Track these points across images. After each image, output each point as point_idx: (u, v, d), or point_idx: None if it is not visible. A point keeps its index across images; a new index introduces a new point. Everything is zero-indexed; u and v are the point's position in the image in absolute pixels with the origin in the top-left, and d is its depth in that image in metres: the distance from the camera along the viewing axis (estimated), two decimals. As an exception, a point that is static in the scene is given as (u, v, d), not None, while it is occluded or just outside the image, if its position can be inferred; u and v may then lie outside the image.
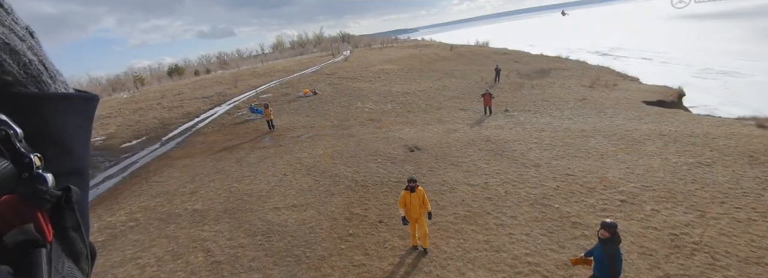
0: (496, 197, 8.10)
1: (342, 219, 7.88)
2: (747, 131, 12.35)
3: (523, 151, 10.83)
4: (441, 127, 14.26)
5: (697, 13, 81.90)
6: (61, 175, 0.41)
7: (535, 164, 9.81)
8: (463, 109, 17.12)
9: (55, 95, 0.43)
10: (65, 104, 0.43)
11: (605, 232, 4.43)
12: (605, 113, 15.22)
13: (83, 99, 0.46)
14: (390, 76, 29.25)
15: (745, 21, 55.81)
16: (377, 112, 18.04)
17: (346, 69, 37.56)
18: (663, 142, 11.29)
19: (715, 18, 68.93)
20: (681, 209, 7.33)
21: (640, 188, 8.22)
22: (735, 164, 9.58)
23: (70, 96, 0.45)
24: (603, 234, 4.45)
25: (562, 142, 11.49)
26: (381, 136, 13.80)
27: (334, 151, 12.75)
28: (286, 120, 18.79)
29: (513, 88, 21.11)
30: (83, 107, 0.46)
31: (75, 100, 0.45)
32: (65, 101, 0.44)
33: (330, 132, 15.51)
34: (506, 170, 9.53)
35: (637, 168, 9.30)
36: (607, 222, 4.48)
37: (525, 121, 14.43)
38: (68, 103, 0.44)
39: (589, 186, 8.39)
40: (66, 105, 0.44)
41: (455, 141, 12.21)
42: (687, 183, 8.47)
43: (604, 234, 4.44)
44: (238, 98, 27.82)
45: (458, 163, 10.29)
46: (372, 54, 52.93)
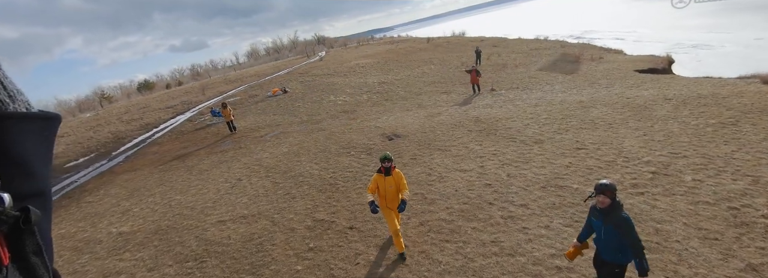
0: (497, 182, 6.43)
1: (302, 229, 6.08)
2: (755, 88, 11.13)
3: (520, 128, 9.23)
4: (422, 112, 12.58)
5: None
6: (21, 197, 0.39)
7: (536, 140, 8.21)
8: (446, 92, 15.51)
9: (13, 114, 0.41)
10: (24, 124, 0.42)
11: (605, 199, 3.17)
12: (599, 84, 13.84)
13: (43, 118, 0.45)
14: (366, 69, 27.53)
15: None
16: (351, 103, 16.27)
17: (321, 67, 35.72)
18: (672, 106, 9.88)
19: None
20: (727, 176, 5.81)
21: (668, 156, 6.69)
22: (761, 121, 8.20)
23: (30, 115, 0.43)
24: (602, 201, 3.19)
25: (561, 115, 9.95)
26: (355, 127, 12.03)
27: (300, 148, 10.92)
28: (251, 120, 16.85)
29: (496, 69, 19.63)
30: (43, 127, 0.44)
31: (35, 120, 0.43)
32: (25, 121, 0.42)
33: (298, 128, 13.66)
34: (504, 150, 7.89)
35: (655, 135, 7.79)
36: (604, 183, 3.19)
37: (515, 97, 12.89)
38: (28, 122, 0.42)
39: (607, 159, 6.81)
40: (25, 124, 0.42)
41: (440, 125, 10.54)
42: (720, 146, 7.00)
43: (604, 202, 3.17)
44: (203, 105, 25.64)
45: (446, 148, 8.60)
46: (348, 52, 51.23)
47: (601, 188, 3.16)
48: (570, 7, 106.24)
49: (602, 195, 3.15)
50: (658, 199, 5.29)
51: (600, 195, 3.16)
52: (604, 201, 3.16)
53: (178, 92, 42.36)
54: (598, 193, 3.17)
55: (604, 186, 3.16)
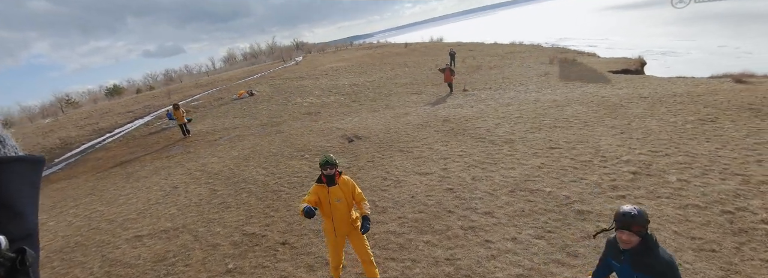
0: (460, 187, 5.56)
1: (226, 246, 5.02)
2: (728, 87, 10.85)
3: (490, 127, 8.46)
4: (389, 113, 11.71)
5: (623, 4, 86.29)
6: (12, 239, 0.40)
7: (507, 140, 7.43)
8: (416, 93, 14.73)
9: (3, 159, 0.42)
10: (13, 167, 0.42)
11: (631, 237, 2.01)
12: (573, 84, 13.36)
13: (31, 161, 0.45)
14: (339, 72, 26.65)
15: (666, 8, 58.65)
16: (317, 104, 15.27)
17: (294, 71, 34.70)
18: (648, 104, 9.37)
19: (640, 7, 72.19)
20: (715, 175, 5.14)
21: (649, 155, 6.00)
22: (740, 118, 7.73)
23: (18, 159, 0.44)
24: (627, 240, 2.03)
25: (534, 114, 9.26)
26: (316, 129, 11.03)
27: (251, 152, 9.83)
28: (210, 123, 15.60)
29: (470, 71, 19.08)
30: (30, 169, 0.45)
31: (22, 163, 0.44)
32: (14, 164, 0.42)
33: (256, 131, 12.54)
34: (471, 151, 7.06)
35: (634, 133, 7.14)
36: (629, 212, 2.03)
37: (487, 97, 12.21)
38: (16, 166, 0.43)
39: (583, 159, 6.06)
40: (14, 168, 0.42)
41: (405, 126, 9.67)
42: (702, 143, 6.38)
43: (630, 241, 2.02)
44: (164, 109, 24.07)
45: (408, 149, 7.71)
46: (325, 57, 50.40)
47: (626, 221, 2.00)
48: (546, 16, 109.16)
49: (626, 231, 2.01)
50: (641, 203, 4.53)
51: (623, 230, 2.02)
52: (630, 240, 2.02)
53: (145, 97, 40.52)
54: (621, 228, 2.03)
55: (630, 218, 1.99)
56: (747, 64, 19.03)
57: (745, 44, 25.00)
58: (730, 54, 23.18)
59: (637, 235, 2.00)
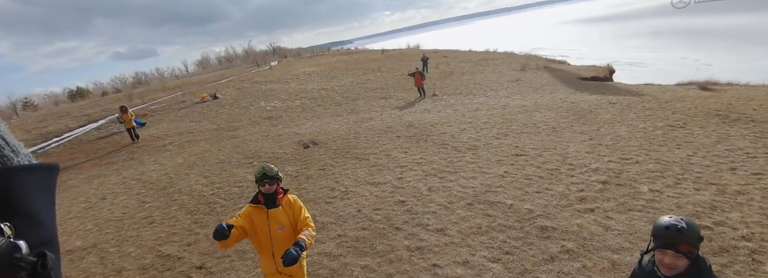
0: (413, 198, 4.91)
1: (132, 271, 4.16)
2: (694, 94, 10.84)
3: (455, 133, 7.91)
4: (353, 117, 11.03)
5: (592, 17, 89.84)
6: (33, 246, 0.40)
7: (471, 146, 6.88)
8: (384, 97, 14.15)
9: (21, 167, 0.43)
10: (30, 176, 0.43)
11: (676, 259, 1.44)
12: (544, 90, 13.13)
13: (45, 169, 0.45)
14: (310, 77, 25.87)
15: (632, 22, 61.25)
16: (280, 109, 14.42)
17: (266, 75, 33.71)
18: (617, 110, 9.11)
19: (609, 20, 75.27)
20: (689, 185, 4.71)
21: (618, 162, 5.56)
22: (709, 124, 7.51)
23: (33, 167, 0.44)
24: (671, 264, 1.46)
25: (502, 119, 8.80)
26: (272, 134, 10.21)
27: (198, 159, 8.90)
28: (164, 128, 14.46)
29: (443, 76, 18.72)
30: (45, 177, 0.45)
31: (37, 171, 0.44)
32: (30, 173, 0.43)
33: (210, 136, 11.58)
34: (431, 158, 6.45)
35: (603, 139, 6.74)
36: (675, 224, 1.45)
37: (456, 102, 11.74)
38: (32, 174, 0.43)
39: (550, 167, 5.55)
40: (31, 176, 0.43)
41: (367, 131, 9.01)
42: (673, 150, 6.02)
43: (676, 265, 1.45)
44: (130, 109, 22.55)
45: (364, 156, 7.04)
46: (300, 62, 49.61)
47: (672, 236, 1.45)
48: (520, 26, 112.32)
49: (671, 251, 1.46)
50: (611, 217, 4.01)
51: (667, 251, 1.47)
52: (676, 264, 1.46)
53: (107, 100, 38.50)
54: (664, 247, 1.48)
55: (677, 234, 1.45)
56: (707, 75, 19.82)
57: (704, 56, 26.03)
58: (691, 65, 24.08)
59: (685, 257, 1.43)
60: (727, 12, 45.96)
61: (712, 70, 21.86)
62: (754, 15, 39.11)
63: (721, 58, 24.10)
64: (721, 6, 39.84)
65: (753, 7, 44.87)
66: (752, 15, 39.44)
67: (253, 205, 2.56)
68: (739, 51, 25.48)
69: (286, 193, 2.65)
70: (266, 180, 2.49)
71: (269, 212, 2.52)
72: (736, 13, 44.04)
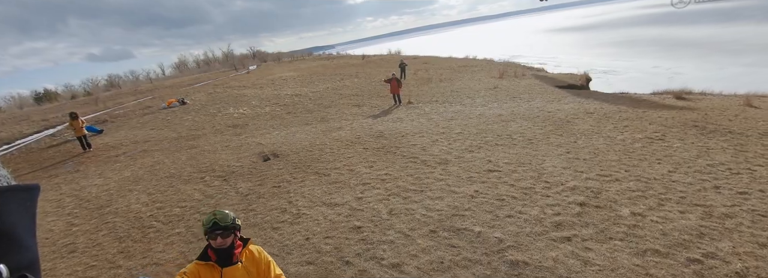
0: (371, 224, 4.32)
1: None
2: (670, 103, 10.73)
3: (426, 145, 7.38)
4: (322, 126, 10.40)
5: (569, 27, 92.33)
6: (15, 269, 0.40)
7: (441, 160, 6.36)
8: (358, 104, 13.57)
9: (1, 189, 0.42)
10: (8, 197, 0.42)
11: None
12: (520, 98, 12.84)
13: (25, 190, 0.45)
14: (286, 82, 25.09)
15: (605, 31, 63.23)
16: (248, 116, 13.64)
17: (242, 79, 32.76)
18: (594, 120, 8.81)
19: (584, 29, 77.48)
20: (672, 206, 4.30)
21: (597, 179, 5.13)
22: (687, 136, 7.25)
23: (12, 188, 0.43)
24: None
25: (476, 130, 8.35)
26: (233, 145, 9.46)
27: (147, 172, 8.07)
28: (122, 136, 13.44)
29: (420, 83, 18.32)
30: (26, 198, 0.44)
31: (18, 192, 0.44)
32: (8, 194, 0.42)
33: (167, 145, 10.71)
34: (397, 174, 5.89)
35: (580, 153, 6.34)
36: None
37: (431, 111, 11.28)
38: (11, 195, 0.42)
39: (524, 184, 5.07)
40: (9, 197, 0.42)
41: (333, 142, 8.40)
42: (653, 165, 5.66)
43: None
44: (87, 117, 21.20)
45: (325, 171, 6.41)
46: (280, 66, 48.73)
47: None
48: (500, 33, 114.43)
49: None
50: (591, 248, 3.52)
51: None
52: None
53: (73, 104, 36.68)
54: None
55: None
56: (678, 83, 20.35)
57: (675, 65, 26.75)
58: (663, 74, 24.66)
59: None
60: (694, 23, 47.79)
61: (682, 78, 22.43)
62: (717, 27, 40.74)
63: (691, 66, 24.79)
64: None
65: (717, 19, 46.81)
66: (716, 26, 41.08)
67: (200, 263, 1.90)
68: (707, 59, 26.25)
69: (247, 245, 1.99)
70: (218, 232, 1.85)
71: (224, 271, 1.88)
72: (702, 24, 45.84)
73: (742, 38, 31.08)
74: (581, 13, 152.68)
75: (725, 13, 54.49)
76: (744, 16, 45.21)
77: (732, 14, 50.31)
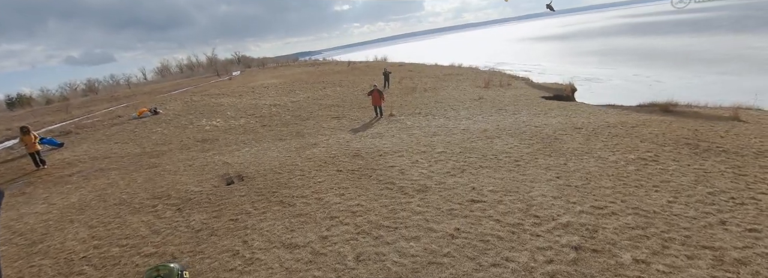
0: (332, 275, 3.66)
1: None
2: (657, 117, 10.45)
3: (405, 167, 6.77)
4: (296, 143, 9.70)
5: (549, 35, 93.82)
6: None
7: (420, 187, 5.75)
8: (338, 117, 12.92)
9: None
10: None
11: None
12: (506, 110, 12.40)
13: None
14: (267, 90, 24.30)
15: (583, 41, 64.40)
16: (221, 129, 12.83)
17: (222, 86, 31.78)
18: (583, 137, 8.37)
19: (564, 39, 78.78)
20: (678, 250, 3.77)
21: (591, 213, 4.60)
22: (681, 156, 6.85)
23: None
24: None
25: (460, 148, 7.80)
26: (198, 164, 8.68)
27: (96, 197, 7.24)
28: (82, 150, 12.45)
29: (404, 93, 17.80)
30: None
31: None
32: None
33: (126, 163, 9.83)
34: (371, 205, 5.25)
35: (571, 178, 5.82)
36: None
37: (413, 125, 10.70)
38: None
39: (511, 220, 4.49)
40: None
41: (306, 162, 7.72)
42: (650, 193, 5.17)
43: None
44: (52, 127, 19.99)
45: (291, 200, 5.73)
46: (263, 72, 47.84)
47: None
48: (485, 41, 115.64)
49: None
50: (590, 311, 2.94)
51: None
52: None
53: (43, 111, 35.09)
54: None
55: None
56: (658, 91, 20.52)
57: (655, 74, 27.06)
58: (643, 82, 24.86)
59: None
60: (669, 33, 48.89)
61: (662, 86, 22.62)
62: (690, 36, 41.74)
63: (670, 75, 25.06)
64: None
65: (690, 29, 48.01)
66: (689, 36, 42.07)
67: None
68: (684, 68, 26.63)
69: None
70: None
71: None
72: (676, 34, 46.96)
73: (711, 48, 31.82)
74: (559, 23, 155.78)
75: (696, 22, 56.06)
76: (714, 26, 46.51)
77: (702, 24, 51.76)
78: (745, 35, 35.36)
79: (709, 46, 33.41)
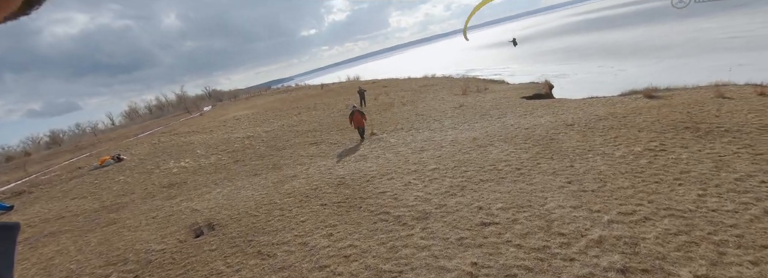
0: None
1: None
2: (643, 104, 10.18)
3: (398, 192, 6.01)
4: (273, 176, 8.81)
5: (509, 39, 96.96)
6: None
7: (420, 214, 4.98)
8: (316, 142, 12.11)
9: None
10: None
11: None
12: (490, 115, 11.93)
13: (5, 228, 0.47)
14: (240, 122, 23.28)
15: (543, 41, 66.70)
16: (190, 170, 11.77)
17: (192, 123, 30.48)
18: (579, 133, 7.88)
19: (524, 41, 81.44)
20: (738, 255, 3.14)
21: (623, 222, 3.93)
22: (687, 141, 6.43)
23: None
24: None
25: (453, 162, 7.12)
26: (163, 214, 7.64)
27: (40, 271, 6.10)
28: (33, 211, 11.09)
29: (381, 109, 17.22)
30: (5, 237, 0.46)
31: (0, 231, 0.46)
32: None
33: (81, 223, 8.64)
34: (366, 245, 4.43)
35: (584, 180, 5.20)
36: None
37: (397, 142, 10.02)
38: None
39: (534, 243, 3.77)
40: None
41: (285, 198, 6.84)
42: (675, 189, 4.58)
43: None
44: (4, 188, 18.22)
45: (270, 250, 4.84)
46: (235, 105, 46.66)
47: None
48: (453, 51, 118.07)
49: None
50: None
51: None
52: None
53: (2, 169, 32.64)
54: None
55: None
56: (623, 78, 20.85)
57: (616, 64, 27.73)
58: (609, 72, 25.35)
59: None
60: (623, 26, 51.02)
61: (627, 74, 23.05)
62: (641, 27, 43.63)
63: (632, 63, 25.67)
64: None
65: (639, 21, 50.32)
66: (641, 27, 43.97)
67: None
68: (643, 56, 27.41)
69: None
70: None
71: None
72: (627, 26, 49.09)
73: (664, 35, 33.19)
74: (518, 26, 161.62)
75: (647, 13, 58.91)
76: (664, 15, 48.86)
77: (654, 14, 54.35)
78: (692, 19, 37.07)
79: (662, 33, 34.82)
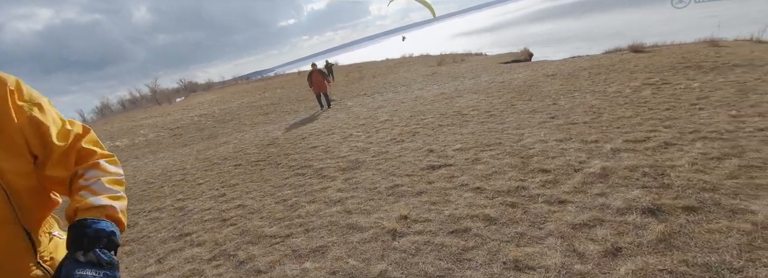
0: None
1: None
2: (631, 56, 8.92)
3: (331, 145, 4.61)
4: (202, 145, 7.32)
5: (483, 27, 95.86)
6: None
7: (349, 164, 3.60)
8: (266, 113, 10.61)
9: None
10: None
11: None
12: (464, 77, 10.60)
13: None
14: (201, 105, 21.57)
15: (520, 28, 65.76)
16: (121, 148, 10.14)
17: (154, 111, 28.49)
18: (560, 81, 6.59)
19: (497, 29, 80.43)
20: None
21: (636, 150, 2.63)
22: (692, 75, 5.22)
23: None
24: None
25: (410, 113, 5.75)
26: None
27: None
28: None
29: (349, 82, 15.73)
30: None
31: None
32: None
33: None
34: (260, 203, 3.04)
35: (573, 114, 3.89)
36: None
37: (355, 104, 8.61)
38: None
39: (502, 186, 2.43)
40: None
41: (198, 163, 5.39)
42: (697, 113, 3.31)
43: None
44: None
45: (136, 219, 3.40)
46: (209, 94, 44.34)
47: None
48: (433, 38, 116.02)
49: None
50: None
51: None
52: None
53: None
54: None
55: None
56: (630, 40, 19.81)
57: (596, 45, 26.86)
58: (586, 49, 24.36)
59: None
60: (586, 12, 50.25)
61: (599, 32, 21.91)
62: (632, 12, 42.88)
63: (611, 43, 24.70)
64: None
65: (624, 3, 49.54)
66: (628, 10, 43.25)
67: None
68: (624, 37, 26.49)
69: None
70: None
71: None
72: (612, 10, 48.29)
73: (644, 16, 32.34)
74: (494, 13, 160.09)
75: None
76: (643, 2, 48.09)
77: None
78: None
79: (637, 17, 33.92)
